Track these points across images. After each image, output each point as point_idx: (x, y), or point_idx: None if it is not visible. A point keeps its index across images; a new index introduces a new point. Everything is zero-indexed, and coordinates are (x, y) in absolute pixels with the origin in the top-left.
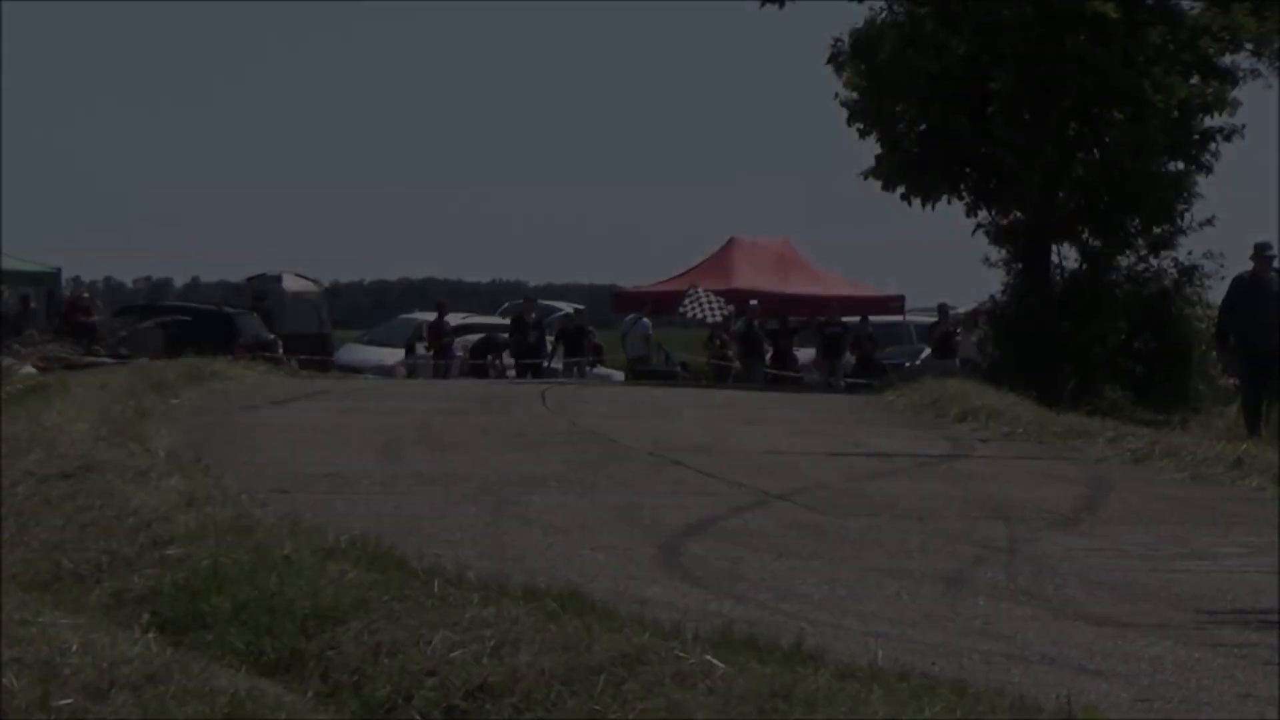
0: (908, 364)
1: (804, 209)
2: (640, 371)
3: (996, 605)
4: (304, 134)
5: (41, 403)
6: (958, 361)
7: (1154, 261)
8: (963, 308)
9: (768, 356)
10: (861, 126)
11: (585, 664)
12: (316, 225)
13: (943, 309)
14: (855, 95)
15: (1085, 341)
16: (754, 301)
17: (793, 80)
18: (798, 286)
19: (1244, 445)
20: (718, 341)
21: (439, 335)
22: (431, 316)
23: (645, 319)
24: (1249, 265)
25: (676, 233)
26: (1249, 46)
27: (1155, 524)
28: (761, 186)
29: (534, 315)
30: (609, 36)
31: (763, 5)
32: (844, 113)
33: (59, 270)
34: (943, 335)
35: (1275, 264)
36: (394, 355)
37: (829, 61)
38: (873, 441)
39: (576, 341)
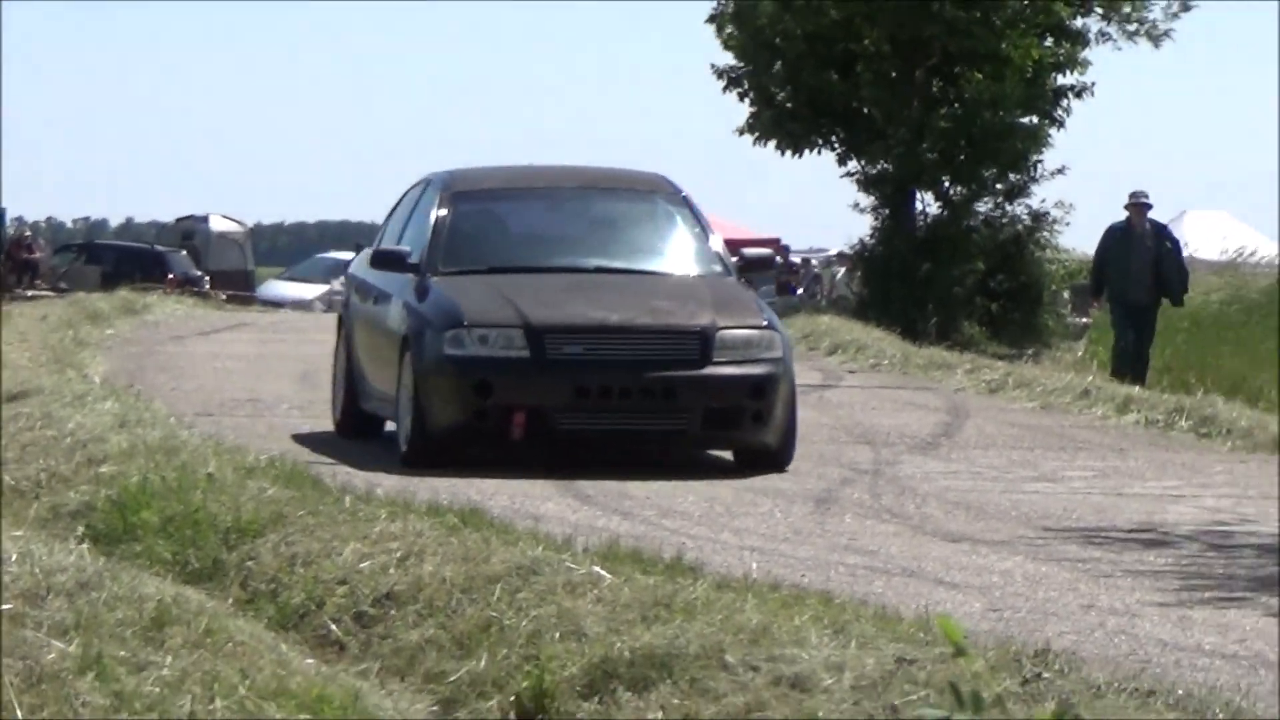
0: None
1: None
2: None
3: (862, 523)
4: (236, 83)
5: None
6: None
7: (1009, 208)
8: (834, 250)
9: None
10: (741, 90)
11: (484, 574)
12: (242, 168)
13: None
14: (732, 57)
15: (946, 281)
16: None
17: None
18: None
19: (1090, 377)
20: None
21: None
22: (347, 255)
23: None
24: (1123, 215)
25: None
26: (1099, 10)
27: (1008, 449)
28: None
29: None
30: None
31: None
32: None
33: (3, 210)
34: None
35: (1149, 214)
36: (312, 290)
37: (709, 20)
38: None
39: None
